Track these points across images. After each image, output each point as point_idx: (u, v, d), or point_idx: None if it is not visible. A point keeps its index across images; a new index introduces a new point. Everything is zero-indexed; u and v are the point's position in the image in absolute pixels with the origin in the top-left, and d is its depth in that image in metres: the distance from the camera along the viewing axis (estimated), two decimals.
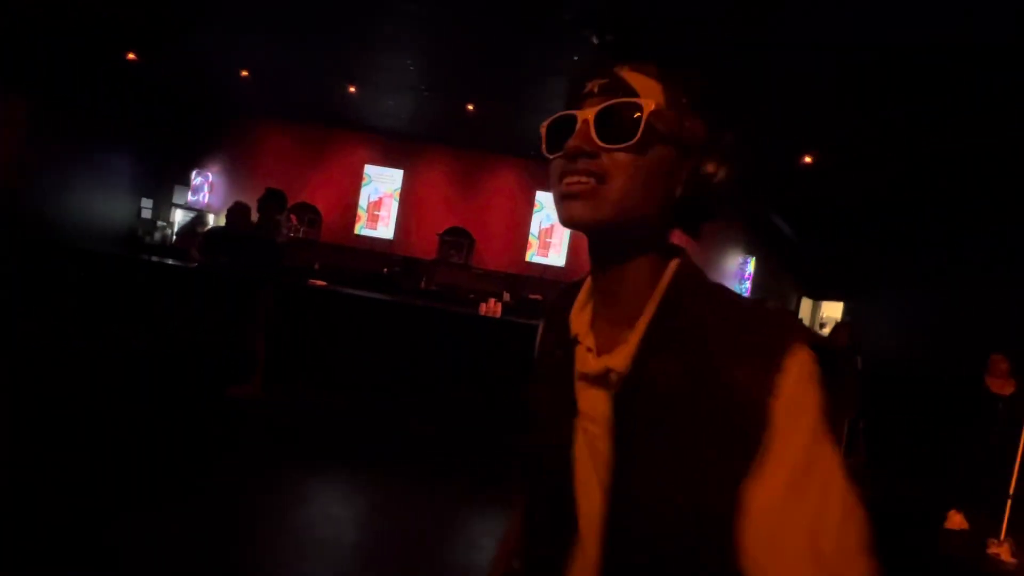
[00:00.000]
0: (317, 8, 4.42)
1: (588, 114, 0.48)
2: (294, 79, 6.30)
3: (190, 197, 7.97)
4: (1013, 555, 3.12)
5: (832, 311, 7.12)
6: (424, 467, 3.26)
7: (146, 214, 7.67)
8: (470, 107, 6.12)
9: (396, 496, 2.83)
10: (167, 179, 7.88)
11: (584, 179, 0.47)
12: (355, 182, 8.23)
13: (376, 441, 3.56)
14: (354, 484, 2.91)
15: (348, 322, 4.57)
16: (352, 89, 6.16)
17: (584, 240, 0.53)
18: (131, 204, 7.48)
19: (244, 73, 6.19)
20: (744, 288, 8.04)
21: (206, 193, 8.08)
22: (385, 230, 8.22)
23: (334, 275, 5.96)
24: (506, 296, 6.72)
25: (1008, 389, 3.47)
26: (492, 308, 4.86)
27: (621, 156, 0.47)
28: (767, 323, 0.46)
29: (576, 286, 0.60)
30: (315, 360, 4.44)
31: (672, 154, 0.49)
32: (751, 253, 8.09)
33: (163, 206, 7.95)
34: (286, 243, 4.26)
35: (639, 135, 0.46)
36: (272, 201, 3.88)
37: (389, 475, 3.06)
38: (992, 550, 3.18)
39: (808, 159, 5.89)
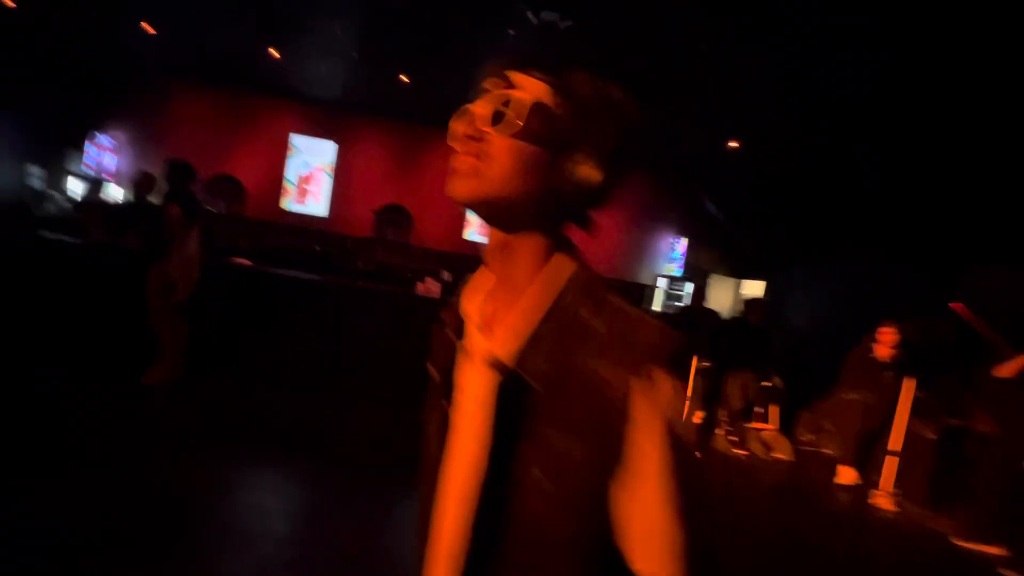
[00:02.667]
0: None
1: (478, 106, 0.54)
2: (207, 37, 5.74)
3: (89, 164, 7.15)
4: (893, 504, 3.54)
5: (754, 289, 7.63)
6: (355, 456, 3.19)
7: (36, 183, 6.81)
8: (404, 78, 5.87)
9: (326, 487, 2.76)
10: (59, 144, 7.01)
11: (467, 159, 0.53)
12: (281, 153, 7.72)
13: (304, 428, 3.44)
14: (280, 474, 2.80)
15: (276, 303, 4.33)
16: (274, 52, 5.70)
17: None
18: (15, 172, 6.60)
19: (145, 26, 5.55)
20: (676, 268, 8.42)
21: (107, 160, 7.27)
22: (317, 206, 7.81)
23: (261, 254, 5.60)
24: (445, 275, 6.62)
25: (887, 354, 3.86)
26: (430, 287, 4.78)
27: (501, 142, 0.52)
28: (644, 337, 0.51)
29: (479, 278, 0.65)
30: (240, 343, 4.19)
31: (550, 148, 0.53)
32: (682, 234, 8.45)
33: (57, 175, 7.09)
34: (208, 217, 3.93)
35: (518, 125, 0.51)
36: (179, 174, 3.54)
37: (317, 464, 2.96)
38: (872, 500, 3.60)
39: (735, 144, 6.19)
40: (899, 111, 4.19)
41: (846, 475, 3.84)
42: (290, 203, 7.77)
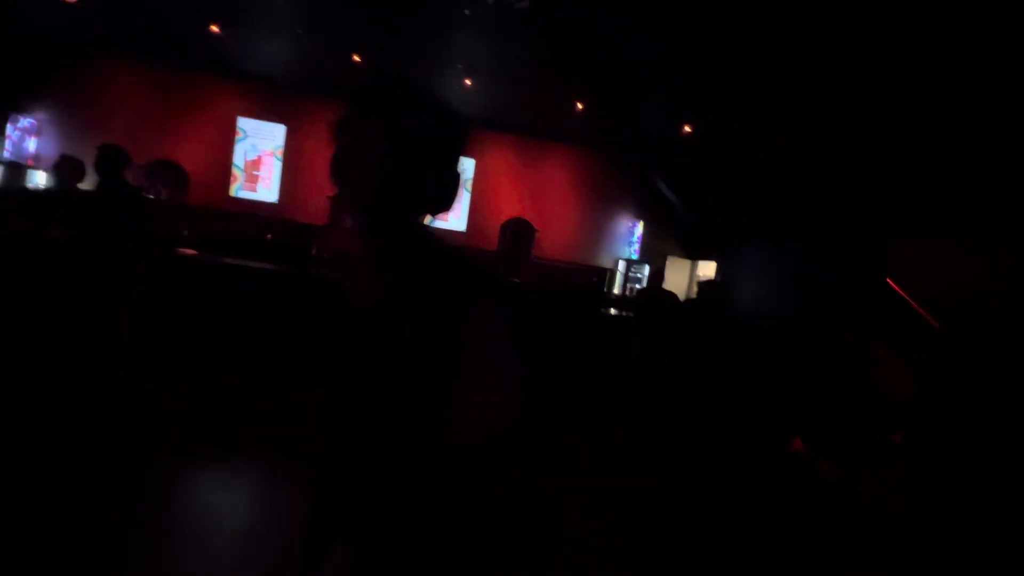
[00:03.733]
0: None
1: (373, 128, 0.74)
2: (140, 9, 5.33)
3: (7, 149, 6.56)
4: (831, 469, 3.78)
5: (707, 270, 7.88)
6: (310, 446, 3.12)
7: None
8: (357, 58, 5.65)
9: (284, 480, 2.69)
10: None
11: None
12: (227, 137, 7.33)
13: (260, 419, 3.33)
14: (235, 469, 2.70)
15: (226, 294, 4.14)
16: (214, 28, 5.36)
17: (484, 203, 1.02)
18: None
19: None
20: (633, 250, 8.59)
21: (29, 144, 6.70)
22: (267, 192, 7.48)
23: (208, 243, 5.33)
24: None
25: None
26: None
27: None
28: (468, 277, 0.73)
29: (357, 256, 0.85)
30: (188, 336, 3.99)
31: (418, 160, 0.74)
32: (639, 218, 8.61)
33: None
34: (143, 204, 3.70)
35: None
36: (111, 160, 3.30)
37: (274, 457, 2.88)
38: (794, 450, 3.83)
39: (688, 128, 6.32)
40: (843, 94, 4.37)
41: (797, 444, 4.06)
42: (238, 189, 7.41)
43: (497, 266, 4.75)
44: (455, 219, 7.83)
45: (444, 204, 0.77)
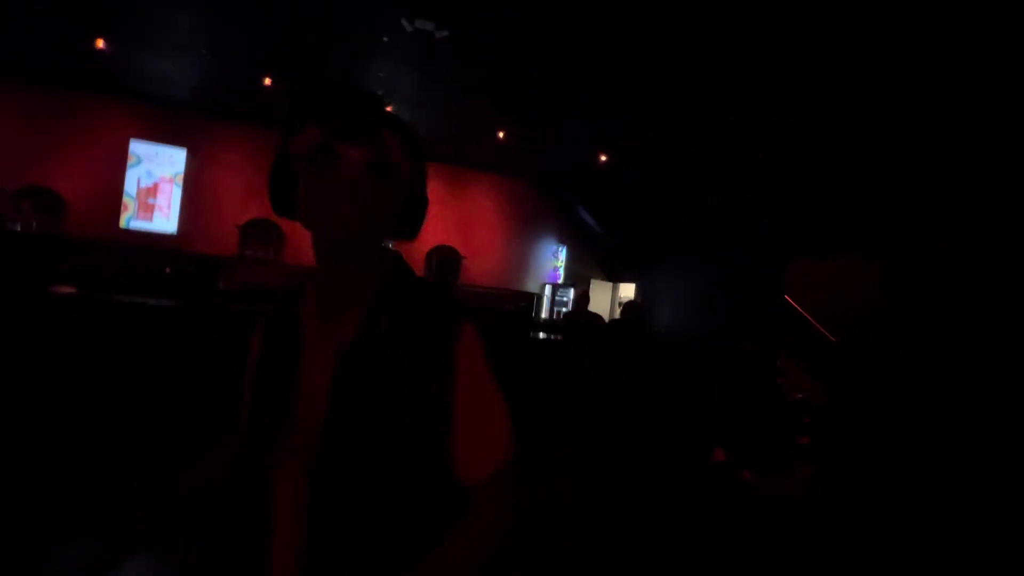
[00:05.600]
0: None
1: (360, 154, 0.66)
2: (9, 21, 4.74)
3: None
4: (752, 474, 4.00)
5: (628, 291, 8.25)
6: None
7: None
8: (267, 80, 5.39)
9: None
10: None
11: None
12: (118, 161, 6.63)
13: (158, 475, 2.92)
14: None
15: (113, 334, 3.66)
16: (100, 44, 4.88)
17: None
18: None
19: None
20: (558, 273, 8.80)
21: None
22: (165, 222, 6.82)
23: (93, 278, 4.72)
24: None
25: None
26: None
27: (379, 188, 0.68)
28: (450, 305, 0.72)
29: (296, 287, 0.80)
30: (62, 381, 3.46)
31: (395, 184, 0.70)
32: (562, 243, 8.88)
33: None
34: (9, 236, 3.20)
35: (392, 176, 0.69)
36: None
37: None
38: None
39: (604, 157, 6.66)
40: (749, 115, 4.81)
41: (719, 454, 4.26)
42: (130, 219, 6.70)
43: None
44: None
45: (416, 229, 0.77)
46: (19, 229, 5.56)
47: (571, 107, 5.36)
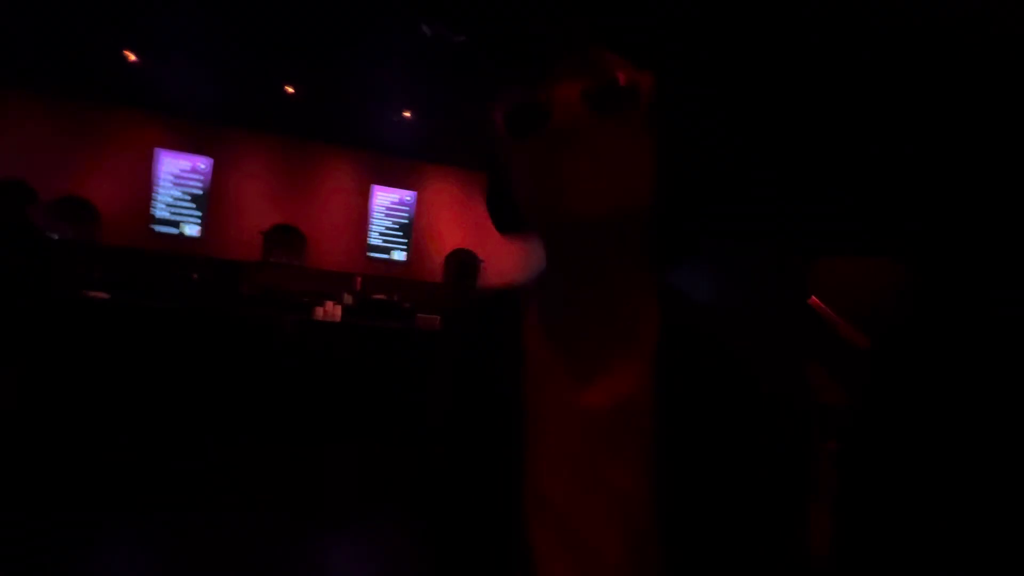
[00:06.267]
0: None
1: (570, 89, 0.41)
2: (41, 34, 4.93)
3: None
4: None
5: None
6: (255, 498, 2.86)
7: None
8: (290, 89, 5.50)
9: (228, 534, 2.42)
10: None
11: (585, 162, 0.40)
12: (146, 171, 6.84)
13: (187, 476, 3.01)
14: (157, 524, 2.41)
15: (143, 340, 3.77)
16: (131, 57, 5.04)
17: (426, 236, 0.47)
18: None
19: None
20: None
21: None
22: (191, 229, 7.01)
23: (123, 285, 4.87)
24: (347, 298, 6.26)
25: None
26: (330, 311, 4.47)
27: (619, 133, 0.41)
28: (787, 338, 0.47)
29: (509, 298, 0.53)
30: (99, 386, 3.57)
31: (637, 117, 0.42)
32: None
33: None
34: (47, 244, 3.32)
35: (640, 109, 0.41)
36: (13, 195, 2.98)
37: (208, 513, 2.60)
38: None
39: None
40: (782, 97, 4.72)
41: None
42: (157, 226, 6.89)
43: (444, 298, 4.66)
44: (397, 251, 7.68)
45: (700, 194, 0.50)
46: (56, 237, 5.77)
47: None
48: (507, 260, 8.43)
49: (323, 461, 3.52)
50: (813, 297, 4.14)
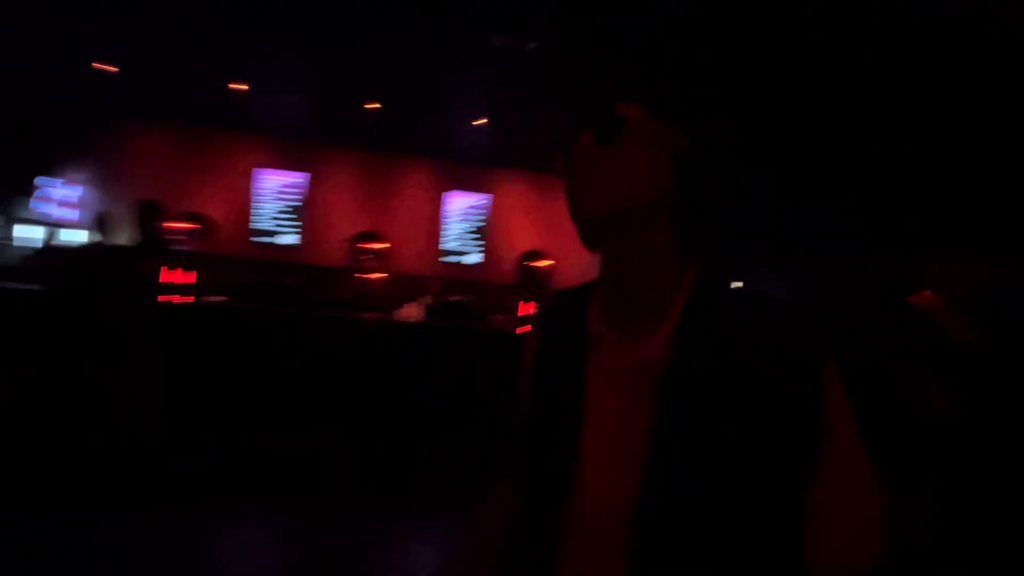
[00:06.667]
0: None
1: (586, 135, 0.58)
2: (168, 73, 5.66)
3: (45, 209, 6.89)
4: None
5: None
6: (348, 491, 3.09)
7: None
8: (372, 105, 5.90)
9: (319, 524, 2.66)
10: (16, 190, 6.75)
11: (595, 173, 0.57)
12: (249, 188, 7.61)
13: (293, 465, 3.32)
14: (275, 519, 2.69)
15: (253, 339, 4.21)
16: (238, 85, 5.66)
17: (500, 238, 0.63)
18: None
19: (98, 66, 5.45)
20: None
21: (65, 204, 7.03)
22: (287, 239, 7.69)
23: (233, 289, 5.46)
24: (427, 299, 6.58)
25: None
26: (410, 312, 4.73)
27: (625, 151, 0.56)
28: (806, 328, 0.52)
29: (582, 289, 0.67)
30: (219, 382, 4.04)
31: (632, 151, 0.57)
32: None
33: (11, 221, 6.80)
34: (175, 255, 3.83)
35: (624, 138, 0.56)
36: (147, 213, 3.47)
37: (307, 502, 2.86)
38: None
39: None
40: (867, 91, 4.40)
41: None
42: (260, 237, 7.63)
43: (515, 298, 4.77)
44: (472, 254, 7.94)
45: (701, 208, 0.62)
46: (179, 248, 6.58)
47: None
48: (578, 261, 8.42)
49: (407, 457, 3.74)
50: (924, 293, 3.73)
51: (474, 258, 7.98)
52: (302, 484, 3.01)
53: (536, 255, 7.98)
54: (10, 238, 6.76)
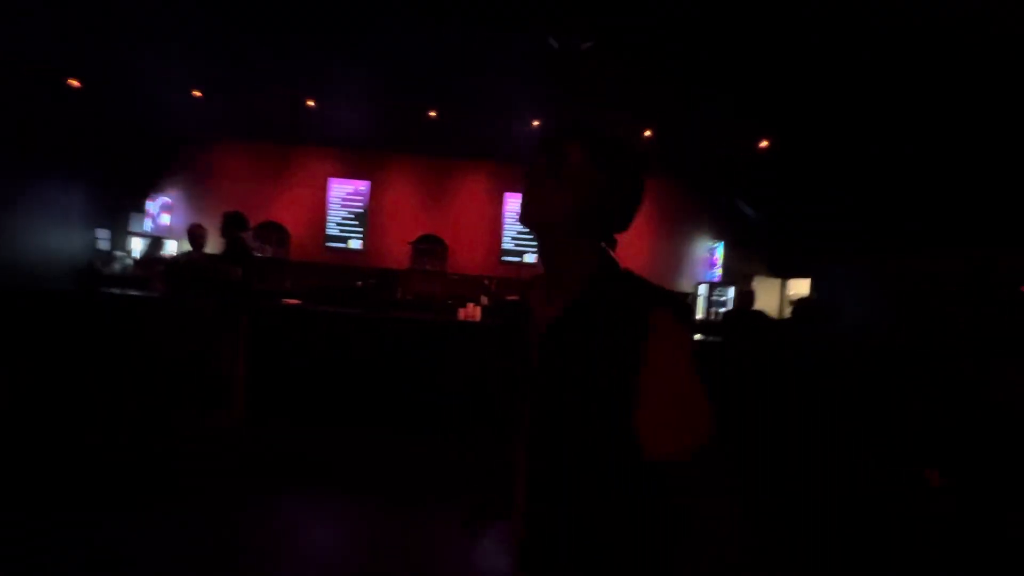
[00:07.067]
0: (268, 20, 4.33)
1: (540, 159, 0.86)
2: (249, 96, 6.15)
3: (147, 224, 7.69)
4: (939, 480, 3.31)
5: (800, 288, 7.35)
6: (415, 484, 3.21)
7: (103, 245, 7.36)
8: (432, 113, 6.09)
9: (391, 519, 2.78)
10: (122, 207, 7.59)
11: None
12: (320, 196, 8.09)
13: (368, 460, 3.50)
14: (347, 507, 2.85)
15: (326, 339, 4.48)
16: (310, 103, 6.05)
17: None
18: (86, 236, 7.17)
19: (196, 93, 6.02)
20: (715, 273, 8.23)
21: (163, 219, 7.81)
22: (354, 243, 8.10)
23: (306, 292, 5.84)
24: (484, 300, 6.70)
25: None
26: (471, 312, 4.85)
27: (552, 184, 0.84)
28: (645, 293, 0.77)
29: (535, 278, 0.97)
30: (296, 380, 4.34)
31: (568, 183, 0.83)
32: (718, 238, 8.28)
33: (120, 236, 7.65)
34: (256, 262, 4.16)
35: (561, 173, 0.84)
36: (233, 224, 3.79)
37: (380, 496, 3.00)
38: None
39: (765, 143, 6.07)
40: (943, 91, 4.03)
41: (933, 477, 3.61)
42: (330, 243, 8.09)
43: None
44: (528, 254, 8.00)
45: (608, 224, 0.85)
46: (260, 256, 7.12)
47: (723, 91, 5.02)
48: (637, 257, 8.25)
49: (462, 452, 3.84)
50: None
51: (532, 258, 8.03)
52: (368, 476, 3.17)
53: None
54: (122, 250, 7.61)
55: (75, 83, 5.86)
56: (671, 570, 0.69)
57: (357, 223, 8.10)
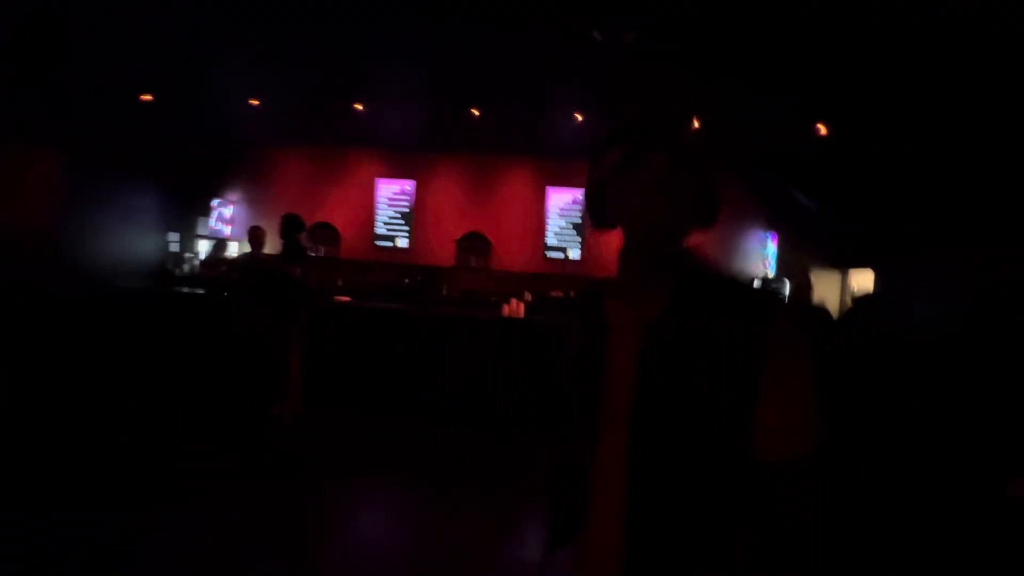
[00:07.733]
0: (316, 27, 4.50)
1: (658, 156, 0.80)
2: (302, 102, 6.43)
3: (212, 227, 8.20)
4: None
5: (863, 281, 6.93)
6: (460, 475, 3.27)
7: (173, 247, 7.92)
8: (475, 111, 6.15)
9: (439, 510, 2.85)
10: (191, 212, 8.12)
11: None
12: (369, 197, 8.36)
13: (414, 452, 3.61)
14: (398, 499, 2.95)
15: (376, 334, 4.65)
16: (359, 106, 6.25)
17: (600, 236, 0.91)
18: (159, 240, 7.74)
19: (254, 102, 6.35)
20: (770, 265, 7.89)
21: (227, 221, 8.30)
22: (401, 242, 8.32)
23: (357, 290, 6.06)
24: (527, 296, 6.73)
25: None
26: (515, 309, 4.88)
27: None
28: (758, 292, 0.79)
29: (597, 289, 0.90)
30: (349, 374, 4.53)
31: (691, 179, 0.79)
32: (771, 229, 7.92)
33: (188, 238, 8.20)
34: (312, 262, 4.35)
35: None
36: (291, 226, 3.98)
37: (430, 485, 3.08)
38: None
39: (823, 130, 5.75)
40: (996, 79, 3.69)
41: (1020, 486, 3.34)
42: (378, 242, 8.35)
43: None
44: (572, 249, 7.95)
45: (713, 215, 0.84)
46: (314, 255, 7.46)
47: (778, 77, 4.79)
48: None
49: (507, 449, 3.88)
50: None
51: (575, 253, 7.98)
52: (416, 466, 3.27)
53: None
54: (190, 252, 8.17)
55: (148, 97, 6.31)
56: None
57: (403, 222, 8.31)
